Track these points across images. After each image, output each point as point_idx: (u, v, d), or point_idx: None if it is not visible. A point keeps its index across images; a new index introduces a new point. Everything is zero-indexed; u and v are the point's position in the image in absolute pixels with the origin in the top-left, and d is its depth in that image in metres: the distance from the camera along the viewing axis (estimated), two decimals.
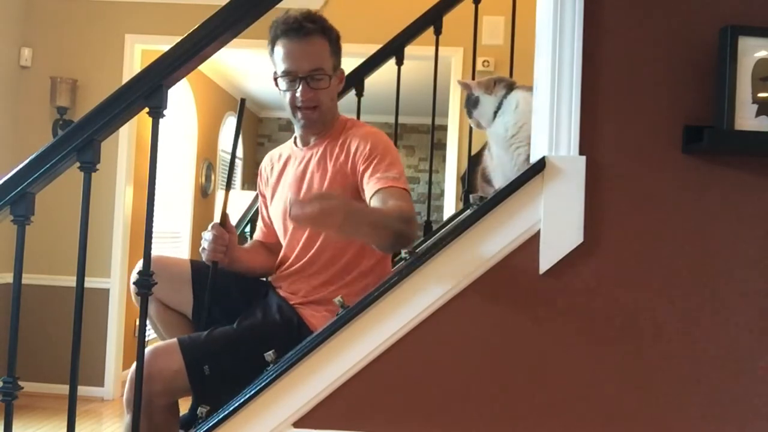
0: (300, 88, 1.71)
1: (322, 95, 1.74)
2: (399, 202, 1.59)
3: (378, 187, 1.63)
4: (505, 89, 1.71)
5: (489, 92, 1.73)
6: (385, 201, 1.60)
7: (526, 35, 1.93)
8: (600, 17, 1.33)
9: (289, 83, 1.73)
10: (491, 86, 1.74)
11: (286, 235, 1.84)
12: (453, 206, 4.14)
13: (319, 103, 1.74)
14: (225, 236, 1.76)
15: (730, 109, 1.27)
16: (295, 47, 1.70)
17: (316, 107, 1.74)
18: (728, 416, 1.31)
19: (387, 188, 1.63)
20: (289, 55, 1.71)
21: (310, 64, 1.71)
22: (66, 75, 4.42)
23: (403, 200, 1.61)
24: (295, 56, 1.70)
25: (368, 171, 1.68)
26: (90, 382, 4.35)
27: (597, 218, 1.32)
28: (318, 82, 1.72)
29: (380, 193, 1.62)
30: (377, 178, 1.65)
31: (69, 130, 1.38)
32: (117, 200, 4.46)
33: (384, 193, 1.62)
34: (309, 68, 1.71)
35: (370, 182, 1.66)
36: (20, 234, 1.38)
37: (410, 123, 7.76)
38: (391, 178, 1.64)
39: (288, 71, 1.72)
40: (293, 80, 1.72)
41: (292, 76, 1.72)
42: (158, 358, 1.58)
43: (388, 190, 1.62)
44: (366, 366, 1.33)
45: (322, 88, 1.73)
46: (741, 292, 1.32)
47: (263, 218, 1.98)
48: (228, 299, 1.79)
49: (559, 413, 1.31)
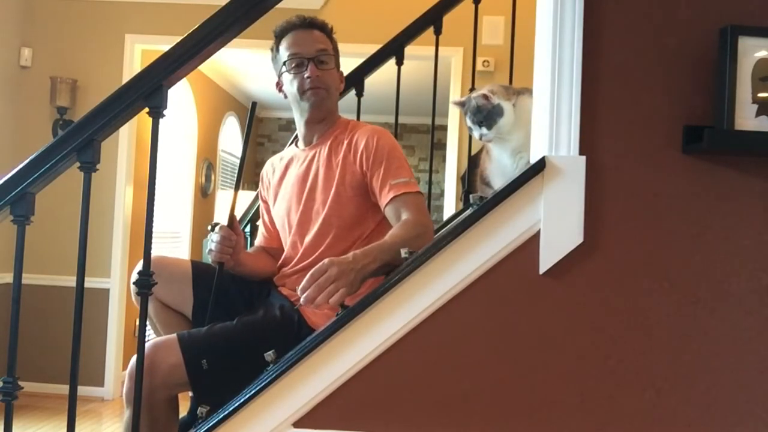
0: (308, 68, 1.77)
1: (328, 78, 1.80)
2: (411, 215, 1.64)
3: (391, 196, 1.68)
4: (515, 95, 1.66)
5: (508, 99, 1.66)
6: (399, 212, 1.66)
7: (526, 35, 1.93)
8: (600, 17, 1.33)
9: (297, 67, 1.79)
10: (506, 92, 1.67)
11: (289, 234, 1.84)
12: (453, 206, 4.14)
13: (327, 86, 1.80)
14: (233, 238, 1.77)
15: (730, 109, 1.27)
16: (301, 34, 1.80)
17: (325, 89, 1.79)
18: (730, 416, 1.31)
19: (400, 196, 1.67)
20: (296, 42, 1.80)
21: (317, 46, 1.79)
22: (66, 75, 4.42)
23: (416, 208, 1.67)
24: (302, 41, 1.80)
25: (379, 177, 1.72)
26: (90, 382, 4.35)
27: (597, 218, 1.32)
28: (325, 64, 1.79)
29: (393, 203, 1.68)
30: (390, 186, 1.69)
31: (69, 130, 1.38)
32: (117, 200, 4.46)
33: (397, 203, 1.67)
34: (316, 49, 1.79)
35: (383, 191, 1.70)
36: (20, 234, 1.38)
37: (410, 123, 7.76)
38: (403, 184, 1.69)
39: (296, 53, 1.79)
40: (301, 63, 1.78)
41: (300, 58, 1.78)
42: (157, 352, 1.59)
43: (401, 199, 1.67)
44: (366, 366, 1.33)
45: (329, 69, 1.80)
46: (741, 292, 1.32)
47: (265, 224, 1.99)
48: (228, 299, 1.80)
49: (559, 413, 1.31)
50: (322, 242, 1.76)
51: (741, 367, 1.31)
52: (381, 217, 1.75)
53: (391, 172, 1.71)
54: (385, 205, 1.69)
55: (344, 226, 1.75)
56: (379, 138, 1.76)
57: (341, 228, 1.75)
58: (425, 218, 1.67)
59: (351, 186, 1.75)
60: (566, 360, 1.32)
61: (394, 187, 1.69)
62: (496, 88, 1.69)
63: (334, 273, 1.40)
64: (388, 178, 1.70)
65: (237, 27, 1.42)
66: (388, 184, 1.69)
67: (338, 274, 1.40)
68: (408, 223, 1.61)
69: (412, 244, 1.48)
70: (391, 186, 1.69)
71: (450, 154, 4.24)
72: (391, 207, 1.68)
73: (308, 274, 1.41)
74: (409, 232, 1.57)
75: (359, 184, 1.75)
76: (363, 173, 1.74)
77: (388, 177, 1.70)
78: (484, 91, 1.67)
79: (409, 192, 1.68)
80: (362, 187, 1.75)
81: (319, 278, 1.40)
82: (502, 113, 1.63)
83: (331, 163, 1.78)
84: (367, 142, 1.75)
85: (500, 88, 1.69)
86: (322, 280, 1.39)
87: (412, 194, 1.69)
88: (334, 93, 1.83)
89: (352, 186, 1.75)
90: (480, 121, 1.65)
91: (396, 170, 1.71)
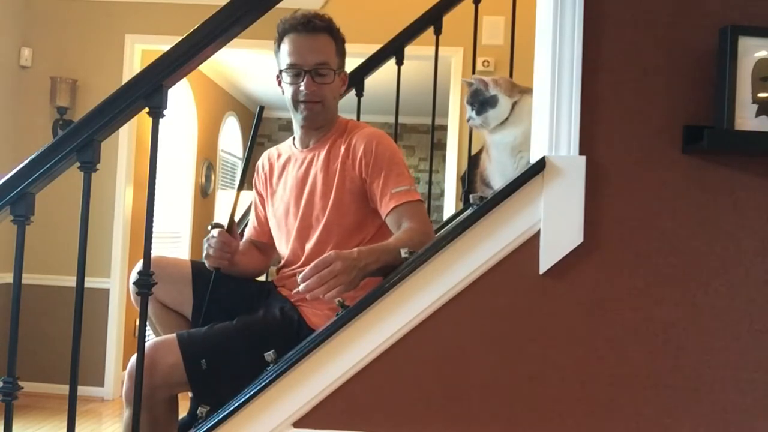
0: (304, 81, 1.72)
1: (325, 90, 1.75)
2: (412, 224, 1.63)
3: (392, 205, 1.67)
4: (520, 94, 1.66)
5: (509, 94, 1.66)
6: (400, 221, 1.65)
7: (526, 35, 1.93)
8: (600, 17, 1.33)
9: (293, 77, 1.75)
10: (511, 88, 1.67)
11: (288, 240, 1.83)
12: (453, 206, 4.14)
13: (323, 99, 1.75)
14: (232, 244, 1.77)
15: (730, 109, 1.27)
16: (302, 41, 1.73)
17: (319, 102, 1.75)
18: (731, 415, 1.31)
19: (401, 206, 1.67)
20: (296, 50, 1.73)
21: (315, 58, 1.73)
22: (66, 75, 4.42)
23: (418, 217, 1.66)
24: (302, 50, 1.73)
25: (379, 185, 1.70)
26: (90, 382, 4.35)
27: (597, 218, 1.32)
28: (323, 77, 1.74)
29: (394, 213, 1.67)
30: (391, 195, 1.68)
31: (69, 130, 1.38)
32: (117, 200, 4.46)
33: (399, 212, 1.67)
34: (314, 62, 1.72)
35: (383, 200, 1.69)
36: (20, 234, 1.38)
37: (410, 123, 7.76)
38: (403, 192, 1.68)
39: (293, 64, 1.73)
40: (298, 74, 1.74)
41: (297, 69, 1.73)
42: (157, 352, 1.59)
43: (402, 208, 1.67)
44: (366, 366, 1.33)
45: (326, 83, 1.75)
46: (741, 292, 1.32)
47: (258, 217, 1.97)
48: (228, 299, 1.79)
49: (559, 413, 1.31)
50: (323, 249, 1.74)
51: (742, 366, 1.31)
52: (381, 222, 1.74)
53: (391, 179, 1.69)
54: (386, 214, 1.68)
55: (345, 233, 1.73)
56: (378, 143, 1.74)
57: (342, 235, 1.74)
58: (427, 227, 1.68)
59: (350, 192, 1.73)
60: (566, 360, 1.32)
61: (395, 196, 1.67)
62: (502, 81, 1.69)
63: (338, 268, 1.40)
64: (389, 186, 1.69)
65: (236, 27, 1.42)
66: (389, 192, 1.68)
67: (342, 269, 1.41)
68: (412, 231, 1.61)
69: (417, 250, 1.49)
70: (392, 195, 1.68)
71: (450, 154, 4.24)
72: (393, 216, 1.67)
73: (312, 264, 1.42)
74: (413, 239, 1.56)
75: (359, 189, 1.73)
76: (362, 179, 1.73)
77: (388, 185, 1.69)
78: (488, 79, 1.69)
79: (411, 201, 1.68)
80: (362, 192, 1.74)
81: (322, 270, 1.40)
82: (495, 105, 1.65)
83: (329, 169, 1.76)
84: (366, 147, 1.73)
85: (507, 82, 1.70)
86: (325, 272, 1.40)
87: (413, 203, 1.68)
88: (331, 104, 1.79)
89: (352, 192, 1.73)
90: (473, 103, 1.68)
91: (397, 178, 1.70)
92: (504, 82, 1.69)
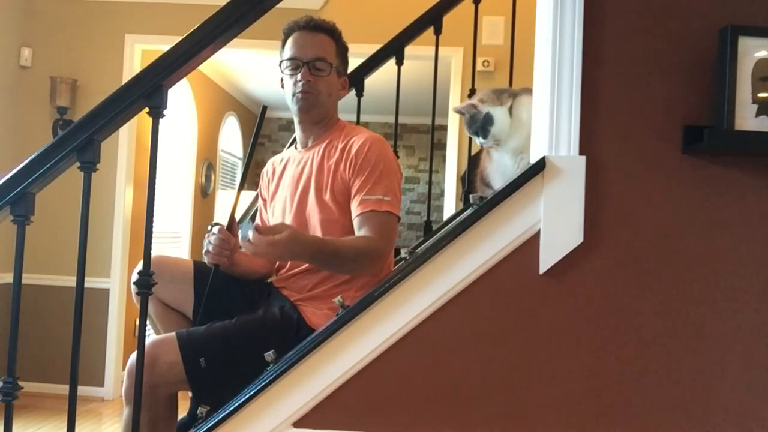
0: (301, 72, 1.77)
1: (320, 84, 1.79)
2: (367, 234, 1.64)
3: (359, 211, 1.68)
4: (511, 98, 1.65)
5: (499, 103, 1.64)
6: (360, 229, 1.67)
7: (526, 35, 1.93)
8: (600, 17, 1.33)
9: (292, 69, 1.80)
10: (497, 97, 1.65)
11: None
12: (453, 206, 4.14)
13: (317, 91, 1.79)
14: (231, 241, 1.78)
15: (730, 109, 1.27)
16: (303, 37, 1.81)
17: (314, 93, 1.78)
18: (731, 415, 1.31)
19: (366, 213, 1.67)
20: (296, 44, 1.80)
21: (314, 52, 1.79)
22: (66, 75, 4.42)
23: (378, 228, 1.66)
24: (302, 45, 1.80)
25: (355, 187, 1.71)
26: (90, 382, 4.35)
27: (597, 218, 1.32)
28: (319, 71, 1.79)
29: (358, 219, 1.69)
30: (360, 201, 1.69)
31: (69, 130, 1.38)
32: (117, 200, 4.46)
33: (361, 220, 1.68)
34: (312, 55, 1.78)
35: (353, 203, 1.70)
36: (20, 234, 1.38)
37: (410, 123, 7.75)
38: (373, 201, 1.67)
39: (293, 57, 1.79)
40: (297, 66, 1.79)
41: (296, 61, 1.79)
42: (156, 350, 1.59)
43: (365, 216, 1.67)
44: (366, 366, 1.33)
45: (322, 76, 1.79)
46: (741, 292, 1.32)
47: (263, 221, 1.99)
48: (228, 299, 1.80)
49: (559, 413, 1.31)
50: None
51: (744, 365, 1.31)
52: None
53: (367, 185, 1.69)
54: (354, 217, 1.69)
55: (340, 231, 1.73)
56: (370, 146, 1.73)
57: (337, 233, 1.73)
58: (381, 242, 1.65)
59: (340, 192, 1.73)
60: (566, 359, 1.32)
61: (363, 202, 1.67)
62: (485, 96, 1.68)
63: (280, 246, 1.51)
64: (361, 191, 1.69)
65: (237, 27, 1.42)
66: (359, 197, 1.68)
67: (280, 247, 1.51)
68: (362, 239, 1.64)
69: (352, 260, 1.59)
70: (361, 200, 1.68)
71: (450, 154, 4.24)
72: (356, 222, 1.68)
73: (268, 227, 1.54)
74: (357, 247, 1.61)
75: (348, 190, 1.73)
76: (348, 179, 1.73)
77: (362, 190, 1.69)
78: (473, 101, 1.68)
79: (377, 210, 1.66)
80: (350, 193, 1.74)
81: (268, 235, 1.50)
82: (493, 121, 1.64)
83: (322, 168, 1.77)
84: (359, 149, 1.73)
85: (490, 95, 1.68)
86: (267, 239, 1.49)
87: (379, 213, 1.66)
88: (327, 98, 1.80)
89: (342, 192, 1.73)
90: (476, 131, 1.68)
91: (374, 185, 1.68)
92: (487, 95, 1.68)
